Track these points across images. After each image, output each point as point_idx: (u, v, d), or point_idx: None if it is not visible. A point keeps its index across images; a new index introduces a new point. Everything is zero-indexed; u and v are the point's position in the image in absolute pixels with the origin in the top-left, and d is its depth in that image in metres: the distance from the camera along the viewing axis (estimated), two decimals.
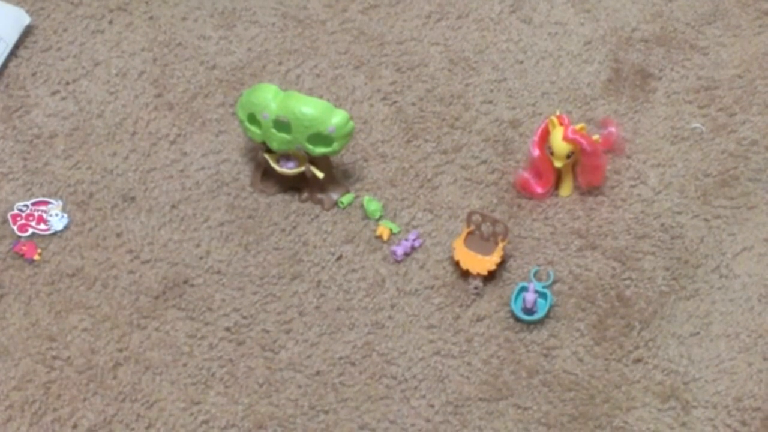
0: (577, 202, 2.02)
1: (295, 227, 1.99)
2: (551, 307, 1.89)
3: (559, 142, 1.95)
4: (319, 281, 1.93)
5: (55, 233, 1.98)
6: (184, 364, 1.85)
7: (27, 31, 2.22)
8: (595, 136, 2.00)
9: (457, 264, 1.92)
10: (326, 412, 1.81)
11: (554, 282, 1.92)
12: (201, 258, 1.96)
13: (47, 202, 2.01)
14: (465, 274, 1.92)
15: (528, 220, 1.99)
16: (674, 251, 1.96)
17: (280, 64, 2.19)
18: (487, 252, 1.91)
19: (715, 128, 2.10)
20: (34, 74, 2.18)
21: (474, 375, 1.84)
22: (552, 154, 1.96)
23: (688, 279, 1.93)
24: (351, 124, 1.94)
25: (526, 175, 2.01)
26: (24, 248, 1.96)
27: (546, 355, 1.86)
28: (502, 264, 1.92)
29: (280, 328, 1.89)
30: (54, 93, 2.15)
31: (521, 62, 2.20)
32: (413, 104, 2.14)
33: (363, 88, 2.16)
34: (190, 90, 2.16)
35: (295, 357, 1.86)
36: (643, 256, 1.95)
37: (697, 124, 2.11)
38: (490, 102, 2.14)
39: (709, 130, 2.10)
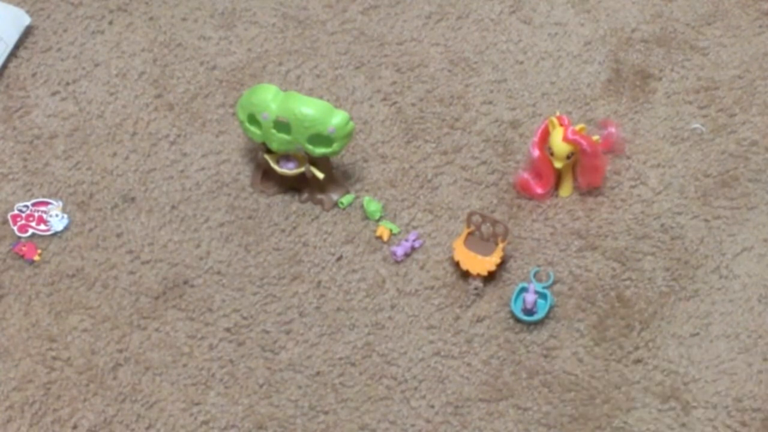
0: (577, 202, 2.02)
1: (295, 228, 1.99)
2: (551, 307, 1.89)
3: (559, 143, 1.95)
4: (319, 282, 1.93)
5: (55, 234, 1.98)
6: (184, 365, 1.85)
7: (27, 32, 2.22)
8: (595, 137, 2.00)
9: (457, 264, 1.92)
10: (326, 413, 1.81)
11: (554, 282, 1.92)
12: (201, 258, 1.96)
13: (47, 203, 2.01)
14: (465, 275, 1.92)
15: (528, 221, 1.99)
16: (674, 252, 1.96)
17: (280, 64, 2.19)
18: (487, 252, 1.91)
19: (715, 129, 2.10)
20: (34, 75, 2.18)
21: (474, 375, 1.84)
22: (552, 154, 1.96)
23: (688, 279, 1.93)
24: (351, 124, 1.94)
25: (526, 175, 2.01)
26: (24, 249, 1.96)
27: (546, 356, 1.86)
28: (502, 264, 1.92)
29: (280, 329, 1.89)
30: (54, 93, 2.16)
31: (521, 63, 2.20)
32: (413, 105, 2.14)
33: (363, 89, 2.16)
34: (190, 90, 2.16)
35: (295, 357, 1.86)
36: (643, 256, 1.95)
37: (697, 125, 2.11)
38: (490, 102, 2.14)
39: (709, 131, 2.10)
